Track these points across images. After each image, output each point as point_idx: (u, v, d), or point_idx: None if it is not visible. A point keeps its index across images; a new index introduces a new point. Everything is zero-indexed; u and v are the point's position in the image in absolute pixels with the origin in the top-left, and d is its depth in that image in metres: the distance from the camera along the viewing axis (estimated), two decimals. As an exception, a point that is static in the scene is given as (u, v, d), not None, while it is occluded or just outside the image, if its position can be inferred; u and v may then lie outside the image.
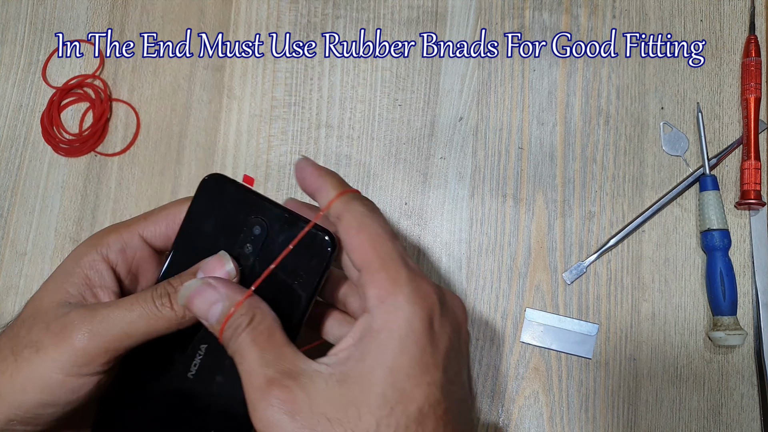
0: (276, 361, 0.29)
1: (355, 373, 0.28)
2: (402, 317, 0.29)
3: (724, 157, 0.50)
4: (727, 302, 0.47)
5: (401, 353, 0.28)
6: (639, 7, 0.53)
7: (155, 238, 0.35)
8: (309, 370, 0.29)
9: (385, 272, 0.29)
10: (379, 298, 0.29)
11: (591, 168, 0.51)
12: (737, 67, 0.52)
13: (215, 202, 0.33)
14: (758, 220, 0.49)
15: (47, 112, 0.54)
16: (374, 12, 0.54)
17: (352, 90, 0.53)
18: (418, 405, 0.28)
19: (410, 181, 0.51)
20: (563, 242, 0.50)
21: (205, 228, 0.33)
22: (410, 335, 0.29)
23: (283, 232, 0.33)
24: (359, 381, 0.28)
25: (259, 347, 0.29)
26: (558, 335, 0.48)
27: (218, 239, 0.33)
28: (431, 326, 0.29)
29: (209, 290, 0.31)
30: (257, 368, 0.29)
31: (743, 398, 0.47)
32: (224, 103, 0.54)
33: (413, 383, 0.28)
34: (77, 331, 0.30)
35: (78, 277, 0.33)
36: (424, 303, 0.29)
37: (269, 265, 0.32)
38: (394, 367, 0.28)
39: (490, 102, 0.52)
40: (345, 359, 0.29)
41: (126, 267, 0.35)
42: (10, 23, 0.56)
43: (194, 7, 0.55)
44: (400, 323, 0.29)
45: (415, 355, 0.28)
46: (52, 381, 0.30)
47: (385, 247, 0.30)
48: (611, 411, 0.47)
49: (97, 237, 0.35)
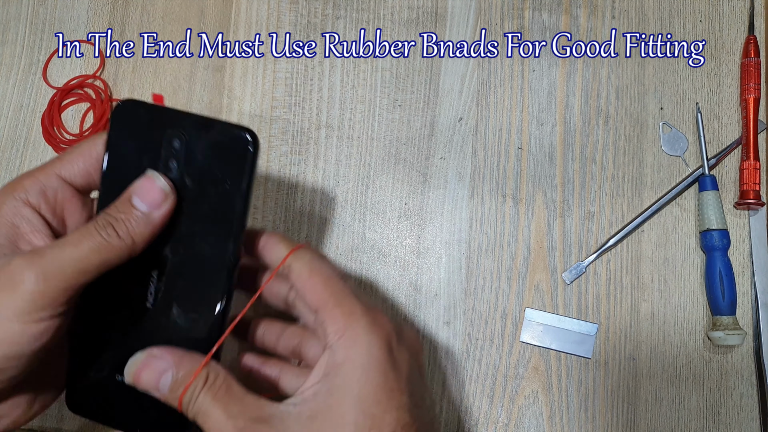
0: (242, 411, 0.29)
1: (324, 408, 0.29)
2: (362, 346, 0.30)
3: (724, 157, 0.50)
4: (726, 302, 0.47)
5: (366, 381, 0.29)
6: (638, 8, 0.53)
7: (74, 176, 0.34)
8: (278, 412, 0.30)
9: (340, 308, 0.31)
10: (338, 332, 0.30)
11: (590, 168, 0.51)
12: (736, 67, 0.52)
13: (130, 127, 0.33)
14: (757, 220, 0.49)
15: (48, 113, 0.54)
16: (374, 12, 0.54)
17: (352, 90, 0.53)
18: (391, 429, 0.29)
19: (410, 181, 0.52)
20: (563, 242, 0.50)
21: (126, 155, 0.33)
22: (372, 363, 0.30)
23: (201, 139, 0.32)
24: (330, 414, 0.29)
25: (221, 403, 0.30)
26: (557, 335, 0.48)
27: (142, 162, 0.32)
28: (391, 352, 0.31)
29: (155, 361, 0.31)
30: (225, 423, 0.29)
31: (742, 398, 0.47)
32: (224, 103, 0.54)
33: (382, 409, 0.29)
34: (27, 275, 0.29)
35: (3, 227, 0.32)
36: (381, 331, 0.31)
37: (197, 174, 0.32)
38: (362, 395, 0.29)
39: (489, 102, 0.52)
40: (312, 396, 0.30)
41: (50, 209, 0.33)
42: (10, 23, 0.56)
43: (194, 7, 0.55)
44: (361, 352, 0.30)
45: (379, 381, 0.30)
46: (12, 332, 0.29)
47: (338, 285, 0.32)
48: (611, 410, 0.47)
49: (11, 184, 0.33)
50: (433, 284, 0.50)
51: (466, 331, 0.49)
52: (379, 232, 0.51)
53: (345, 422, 0.29)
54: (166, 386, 0.30)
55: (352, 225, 0.51)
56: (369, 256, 0.50)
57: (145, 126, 0.33)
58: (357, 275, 0.50)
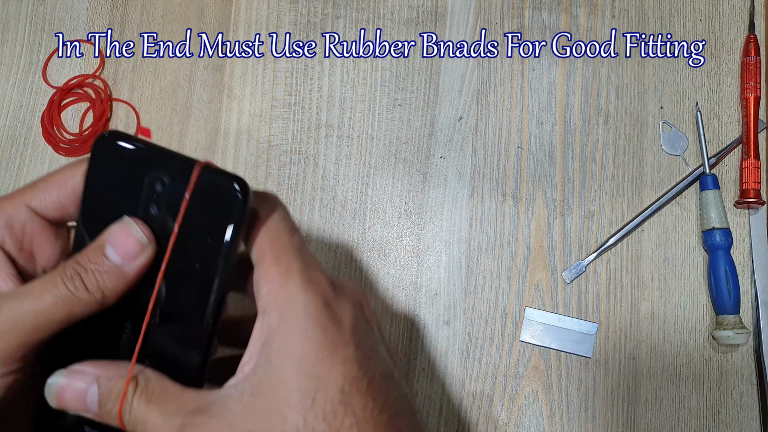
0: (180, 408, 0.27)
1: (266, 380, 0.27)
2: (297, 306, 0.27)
3: (724, 156, 0.50)
4: (733, 301, 0.47)
5: (304, 341, 0.27)
6: (638, 7, 0.53)
7: (46, 207, 0.30)
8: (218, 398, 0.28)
9: (277, 267, 0.28)
10: (271, 293, 0.28)
11: (590, 167, 0.51)
12: (736, 66, 0.52)
13: (112, 162, 0.29)
14: (757, 219, 0.49)
15: (47, 112, 0.54)
16: (374, 12, 0.54)
17: (352, 90, 0.53)
18: (338, 386, 0.27)
19: (410, 181, 0.52)
20: (563, 241, 0.50)
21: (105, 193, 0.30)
22: (308, 320, 0.27)
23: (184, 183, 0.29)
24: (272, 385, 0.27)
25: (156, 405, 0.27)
26: (557, 334, 0.48)
27: (121, 203, 0.29)
28: (328, 306, 0.28)
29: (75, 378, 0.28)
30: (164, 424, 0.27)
31: (742, 397, 0.47)
32: (224, 102, 0.54)
33: (326, 366, 0.27)
34: None
35: None
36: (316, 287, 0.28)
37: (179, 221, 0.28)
38: (302, 357, 0.27)
39: (489, 102, 0.52)
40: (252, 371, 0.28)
41: (16, 243, 0.30)
42: (10, 23, 0.56)
43: (194, 7, 0.55)
44: (297, 312, 0.27)
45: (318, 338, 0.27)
46: None
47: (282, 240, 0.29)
48: (611, 410, 0.47)
49: None
50: (433, 284, 0.50)
51: (466, 331, 0.49)
52: (379, 232, 0.51)
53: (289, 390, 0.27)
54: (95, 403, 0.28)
55: (352, 225, 0.51)
56: (369, 255, 0.50)
57: (128, 162, 0.29)
58: (357, 275, 0.50)
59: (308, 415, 0.27)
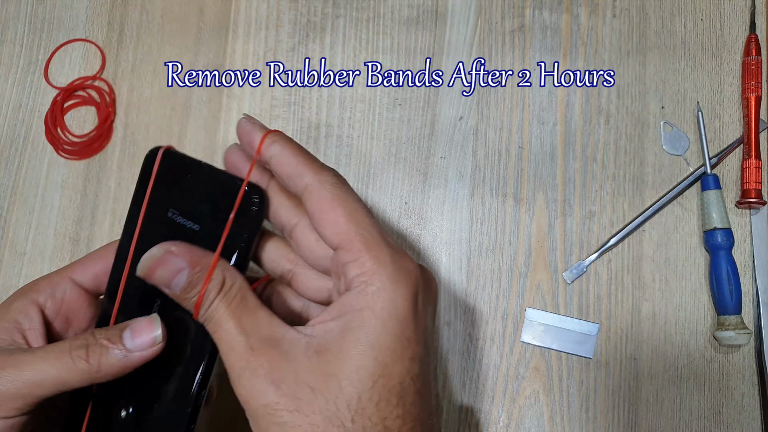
0: (255, 327, 0.29)
1: (334, 347, 0.28)
2: (386, 298, 0.28)
3: (725, 156, 0.50)
4: (735, 301, 0.47)
5: (384, 331, 0.28)
6: (639, 6, 0.53)
7: (85, 279, 0.35)
8: (288, 337, 0.29)
9: (367, 252, 0.29)
10: (362, 278, 0.29)
11: (591, 167, 0.51)
12: (737, 66, 0.51)
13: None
14: (759, 219, 0.49)
15: (50, 113, 0.54)
16: (374, 11, 0.54)
17: (352, 90, 0.53)
18: (400, 379, 0.28)
19: (410, 181, 0.51)
20: (564, 242, 0.50)
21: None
22: (394, 314, 0.28)
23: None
24: (338, 354, 0.28)
25: (234, 314, 0.29)
26: (558, 335, 0.48)
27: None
28: (415, 304, 0.29)
29: (171, 258, 0.30)
30: (237, 337, 0.29)
31: (744, 398, 0.47)
32: (224, 102, 0.54)
33: (395, 358, 0.28)
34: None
35: (8, 321, 0.34)
36: (408, 281, 0.29)
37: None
38: (377, 343, 0.28)
39: (490, 101, 0.52)
40: (323, 332, 0.29)
41: (55, 308, 0.35)
42: (9, 23, 0.56)
43: (194, 7, 0.55)
44: (385, 303, 0.28)
45: (398, 332, 0.28)
46: None
47: (364, 223, 0.29)
48: (612, 411, 0.47)
49: (29, 284, 0.35)
50: (434, 284, 0.50)
51: (466, 331, 0.49)
52: (380, 232, 0.51)
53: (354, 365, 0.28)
54: (179, 286, 0.29)
55: (352, 224, 0.51)
56: (369, 255, 0.50)
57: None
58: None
59: (364, 395, 0.28)
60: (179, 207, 0.32)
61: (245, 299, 0.29)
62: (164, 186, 0.33)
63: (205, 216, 0.32)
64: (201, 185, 0.32)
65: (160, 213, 0.33)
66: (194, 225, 0.32)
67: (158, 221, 0.33)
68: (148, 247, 0.31)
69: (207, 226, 0.31)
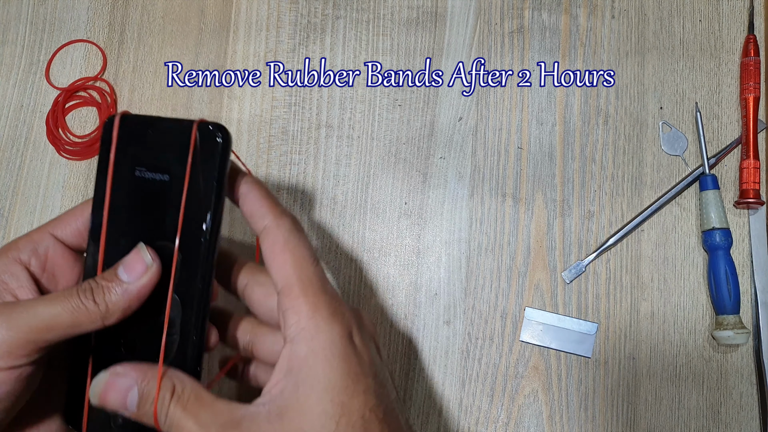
0: (214, 419, 0.30)
1: (293, 404, 0.30)
2: (324, 339, 0.30)
3: (723, 156, 0.50)
4: (733, 301, 0.47)
5: (331, 371, 0.30)
6: (638, 7, 0.53)
7: (66, 235, 0.35)
8: (248, 414, 0.30)
9: (305, 298, 0.31)
10: (299, 324, 0.30)
11: (590, 167, 0.51)
12: (736, 66, 0.52)
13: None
14: (757, 219, 0.49)
15: (52, 114, 0.54)
16: (374, 12, 0.54)
17: (352, 90, 0.53)
18: (360, 413, 0.30)
19: (410, 181, 0.52)
20: (562, 241, 0.50)
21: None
22: (335, 352, 0.30)
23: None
24: (299, 409, 0.29)
25: (192, 413, 0.30)
26: (557, 334, 0.48)
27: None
28: (352, 341, 0.31)
29: (119, 379, 0.31)
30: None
31: (742, 397, 0.47)
32: (224, 103, 0.54)
33: (350, 394, 0.30)
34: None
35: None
36: (342, 321, 0.31)
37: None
38: (328, 385, 0.30)
39: (489, 102, 0.52)
40: (279, 393, 0.30)
41: (40, 265, 0.35)
42: (11, 23, 0.56)
43: (194, 7, 0.55)
44: (324, 344, 0.30)
45: (344, 368, 0.30)
46: None
47: (308, 270, 0.32)
48: (610, 410, 0.47)
49: (9, 243, 0.35)
50: (433, 283, 0.50)
51: (466, 331, 0.49)
52: (379, 232, 0.51)
53: (315, 413, 0.29)
54: (134, 404, 0.31)
55: (352, 225, 0.51)
56: (369, 255, 0.51)
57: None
58: (357, 275, 0.50)
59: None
60: (145, 163, 0.33)
61: (200, 397, 0.31)
62: (127, 148, 0.33)
63: (172, 164, 0.32)
64: (161, 137, 0.33)
65: (127, 174, 0.33)
66: (163, 176, 0.33)
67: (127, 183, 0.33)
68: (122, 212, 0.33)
69: (176, 174, 0.32)
